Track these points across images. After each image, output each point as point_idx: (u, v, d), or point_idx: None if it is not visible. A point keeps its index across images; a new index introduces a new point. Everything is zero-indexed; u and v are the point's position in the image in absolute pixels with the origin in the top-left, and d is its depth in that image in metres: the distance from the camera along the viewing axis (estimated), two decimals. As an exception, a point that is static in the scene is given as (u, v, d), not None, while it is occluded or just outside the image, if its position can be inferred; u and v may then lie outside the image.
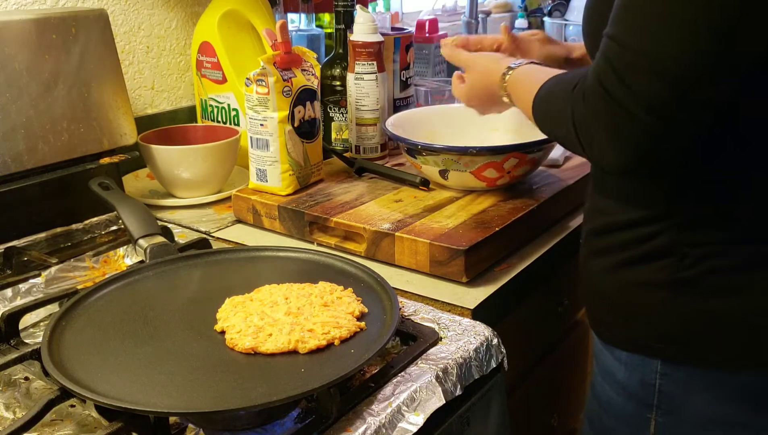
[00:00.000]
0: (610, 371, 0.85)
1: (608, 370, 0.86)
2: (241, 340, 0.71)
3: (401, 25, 1.78)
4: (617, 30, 0.68)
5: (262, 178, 1.11)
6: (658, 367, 0.80)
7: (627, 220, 0.80)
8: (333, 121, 1.35)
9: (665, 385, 0.80)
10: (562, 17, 2.29)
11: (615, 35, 0.68)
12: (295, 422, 0.68)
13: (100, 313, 0.78)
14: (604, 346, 0.86)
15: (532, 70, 0.90)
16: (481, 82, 0.96)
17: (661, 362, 0.80)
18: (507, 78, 0.90)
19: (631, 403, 0.84)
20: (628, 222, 0.79)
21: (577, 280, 0.92)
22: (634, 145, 0.68)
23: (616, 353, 0.84)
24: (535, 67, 0.91)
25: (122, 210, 0.97)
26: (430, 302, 0.89)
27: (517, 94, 0.89)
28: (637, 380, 0.82)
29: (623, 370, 0.83)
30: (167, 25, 1.38)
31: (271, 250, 0.93)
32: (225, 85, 1.30)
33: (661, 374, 0.80)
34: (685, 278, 0.76)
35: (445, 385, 0.72)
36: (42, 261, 0.96)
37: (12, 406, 0.71)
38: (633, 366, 0.82)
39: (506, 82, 0.91)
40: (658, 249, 0.77)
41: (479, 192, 1.09)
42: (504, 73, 0.91)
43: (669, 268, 0.77)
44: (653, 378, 0.80)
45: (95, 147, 1.10)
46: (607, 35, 0.69)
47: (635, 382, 0.82)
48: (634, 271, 0.79)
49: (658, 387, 0.80)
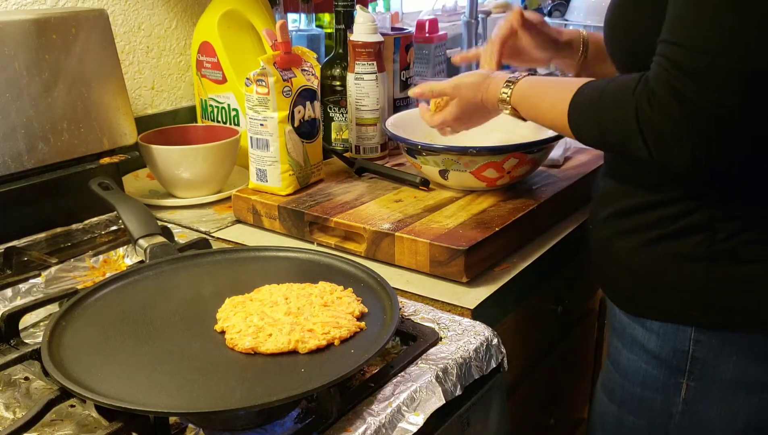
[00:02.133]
0: (640, 342, 0.89)
1: (637, 341, 0.89)
2: (241, 340, 0.71)
3: (401, 25, 1.78)
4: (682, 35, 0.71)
5: (262, 178, 1.11)
6: (692, 333, 0.84)
7: (659, 199, 0.83)
8: (333, 121, 1.35)
9: (698, 350, 0.84)
10: (562, 17, 2.28)
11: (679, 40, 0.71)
12: (295, 422, 0.68)
13: (100, 313, 0.78)
14: (633, 320, 0.89)
15: (543, 79, 0.92)
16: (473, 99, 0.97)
17: (695, 329, 0.84)
18: (511, 91, 0.92)
19: (662, 371, 0.87)
20: (661, 201, 0.83)
21: (594, 263, 0.95)
22: (705, 141, 0.71)
23: (647, 324, 0.87)
24: (541, 77, 0.93)
25: (122, 210, 0.97)
26: (430, 302, 0.89)
27: (529, 103, 0.91)
28: (670, 348, 0.86)
29: (655, 340, 0.87)
30: (167, 25, 1.38)
31: (271, 250, 0.93)
32: (225, 85, 1.30)
33: (694, 341, 0.84)
34: (720, 251, 0.81)
35: (445, 385, 0.72)
36: (42, 261, 0.96)
37: (12, 406, 0.71)
38: (665, 335, 0.86)
39: (510, 96, 0.92)
40: (693, 225, 0.81)
41: (479, 192, 1.09)
42: (503, 87, 0.92)
43: (705, 242, 0.81)
44: (686, 345, 0.85)
45: (95, 147, 1.10)
46: (664, 40, 0.72)
47: (667, 350, 0.86)
48: (670, 245, 0.83)
49: (692, 353, 0.85)
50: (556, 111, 0.85)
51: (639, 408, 0.91)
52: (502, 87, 0.93)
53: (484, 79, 0.96)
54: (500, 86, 0.93)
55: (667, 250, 0.84)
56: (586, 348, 1.34)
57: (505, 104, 0.93)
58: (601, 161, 1.22)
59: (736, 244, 0.80)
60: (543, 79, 0.92)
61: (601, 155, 1.26)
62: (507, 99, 0.92)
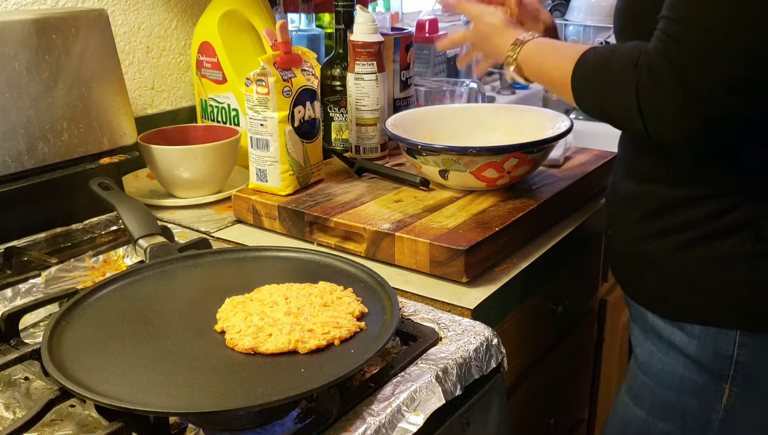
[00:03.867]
0: (677, 346, 0.86)
1: (674, 345, 0.87)
2: (241, 340, 0.71)
3: (401, 25, 1.78)
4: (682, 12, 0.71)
5: (262, 178, 1.11)
6: (736, 337, 0.82)
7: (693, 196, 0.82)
8: (333, 121, 1.35)
9: (743, 355, 0.82)
10: (562, 17, 2.28)
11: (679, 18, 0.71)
12: (295, 422, 0.68)
13: (100, 313, 0.78)
14: (669, 323, 0.87)
15: (552, 42, 0.94)
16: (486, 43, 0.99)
17: (740, 332, 0.81)
18: (519, 50, 0.93)
19: (701, 375, 0.85)
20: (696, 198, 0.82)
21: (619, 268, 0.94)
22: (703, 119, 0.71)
23: (686, 328, 0.85)
24: (552, 40, 0.95)
25: (122, 210, 0.97)
26: (430, 302, 0.89)
27: (535, 64, 0.92)
28: (711, 352, 0.84)
29: (695, 344, 0.85)
30: (167, 25, 1.38)
31: (271, 250, 0.93)
32: (225, 85, 1.30)
33: (739, 344, 0.82)
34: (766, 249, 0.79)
35: (445, 385, 0.72)
36: (42, 261, 0.96)
37: (12, 406, 0.71)
38: (707, 338, 0.84)
39: (518, 54, 0.93)
40: (735, 223, 0.80)
41: (479, 192, 1.09)
42: (515, 43, 0.94)
43: (749, 241, 0.79)
44: (730, 349, 0.82)
45: (95, 147, 1.10)
46: (667, 18, 0.72)
47: (708, 354, 0.84)
48: (710, 246, 0.81)
49: (736, 357, 0.82)
50: (558, 72, 0.86)
51: (672, 413, 0.89)
52: (511, 44, 0.94)
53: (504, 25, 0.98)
54: (509, 42, 0.94)
55: (707, 251, 0.81)
56: (586, 348, 1.34)
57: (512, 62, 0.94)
58: (601, 161, 1.23)
59: None
60: (550, 41, 0.94)
61: (602, 155, 1.26)
62: (514, 57, 0.93)
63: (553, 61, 0.88)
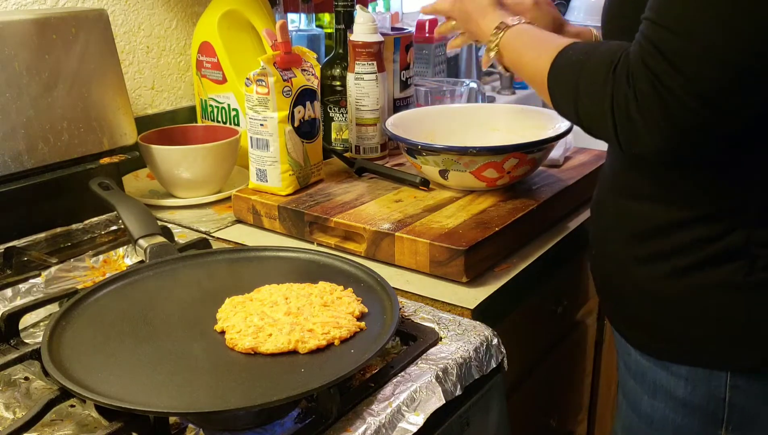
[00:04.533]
0: (664, 389, 0.81)
1: (660, 387, 0.81)
2: (241, 340, 0.71)
3: (401, 25, 1.78)
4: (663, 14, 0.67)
5: (262, 178, 1.11)
6: (727, 378, 0.76)
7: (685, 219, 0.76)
8: (333, 121, 1.35)
9: (737, 397, 0.76)
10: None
11: (660, 20, 0.67)
12: (295, 422, 0.68)
13: (100, 313, 0.78)
14: (655, 363, 0.81)
15: (535, 32, 0.88)
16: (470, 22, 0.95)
17: (731, 373, 0.76)
18: (502, 35, 0.88)
19: (694, 421, 0.79)
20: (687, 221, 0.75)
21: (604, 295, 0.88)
22: (678, 129, 0.67)
23: (673, 368, 0.79)
24: (536, 29, 0.89)
25: (122, 210, 0.97)
26: (430, 302, 0.89)
27: (515, 53, 0.87)
28: (702, 394, 0.78)
29: (684, 386, 0.79)
30: (167, 25, 1.38)
31: (271, 250, 0.93)
32: (225, 85, 1.30)
33: (731, 386, 0.76)
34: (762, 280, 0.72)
35: (445, 385, 0.72)
36: (42, 261, 0.96)
37: (12, 406, 0.71)
38: (696, 381, 0.78)
39: (500, 39, 0.88)
40: (727, 249, 0.73)
41: (479, 192, 1.09)
42: (498, 27, 0.89)
43: (742, 270, 0.73)
44: (722, 391, 0.77)
45: (95, 147, 1.10)
46: (649, 19, 0.68)
47: (700, 397, 0.78)
48: (700, 274, 0.75)
49: (729, 400, 0.76)
50: (535, 66, 0.81)
51: None
52: (495, 28, 0.89)
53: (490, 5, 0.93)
54: (493, 25, 0.90)
55: (697, 280, 0.75)
56: (586, 348, 1.34)
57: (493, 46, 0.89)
58: (601, 161, 1.22)
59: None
60: (534, 29, 0.88)
61: (602, 155, 1.26)
62: (496, 42, 0.89)
63: (532, 53, 0.83)
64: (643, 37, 0.68)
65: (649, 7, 0.69)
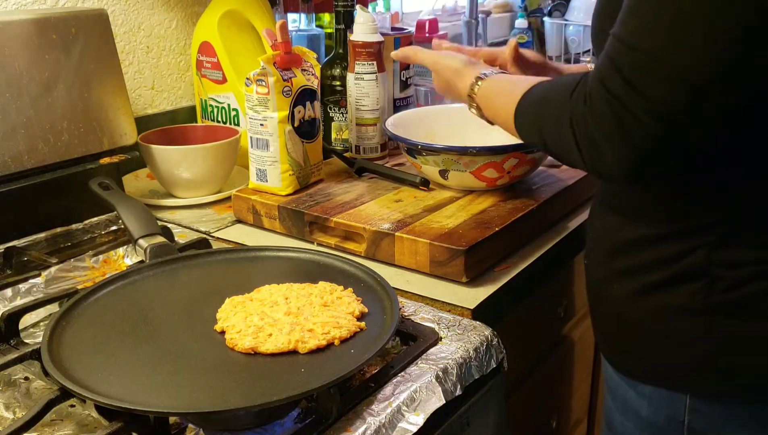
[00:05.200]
0: (632, 407, 0.80)
1: (629, 405, 0.81)
2: (241, 340, 0.71)
3: (401, 25, 1.78)
4: (624, 29, 0.64)
5: (262, 178, 1.11)
6: (687, 401, 0.75)
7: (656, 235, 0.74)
8: (333, 121, 1.35)
9: (696, 421, 0.75)
10: (562, 17, 2.28)
11: (621, 35, 0.64)
12: (295, 422, 0.68)
13: (100, 313, 0.78)
14: (624, 380, 0.81)
15: (507, 79, 0.86)
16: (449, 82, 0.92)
17: (690, 397, 0.75)
18: (477, 89, 0.87)
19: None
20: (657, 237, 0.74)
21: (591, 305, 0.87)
22: (638, 151, 0.64)
23: (638, 388, 0.79)
24: (509, 76, 0.88)
25: (122, 210, 0.97)
26: (430, 302, 0.89)
27: (490, 103, 0.86)
28: (663, 416, 0.77)
29: (646, 406, 0.78)
30: (167, 25, 1.38)
31: (271, 250, 0.93)
32: (225, 85, 1.30)
33: (690, 409, 0.75)
34: (720, 303, 0.70)
35: (445, 385, 0.72)
36: (42, 261, 0.96)
37: (12, 406, 0.71)
38: (659, 401, 0.77)
39: (476, 93, 0.87)
40: (687, 270, 0.72)
41: (479, 192, 1.09)
42: (473, 83, 0.87)
43: (701, 292, 0.71)
44: (682, 414, 0.75)
45: (95, 147, 1.10)
46: (613, 35, 0.65)
47: (661, 419, 0.77)
48: (662, 294, 0.74)
49: (688, 424, 0.75)
50: (504, 110, 0.80)
51: None
52: (471, 83, 0.87)
53: (464, 66, 0.90)
54: (469, 81, 0.88)
55: (659, 299, 0.74)
56: (586, 348, 1.34)
57: (472, 102, 0.88)
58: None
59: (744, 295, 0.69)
60: (512, 78, 0.86)
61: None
62: (474, 96, 0.87)
63: (503, 98, 0.81)
64: (605, 54, 0.66)
65: (617, 20, 0.66)
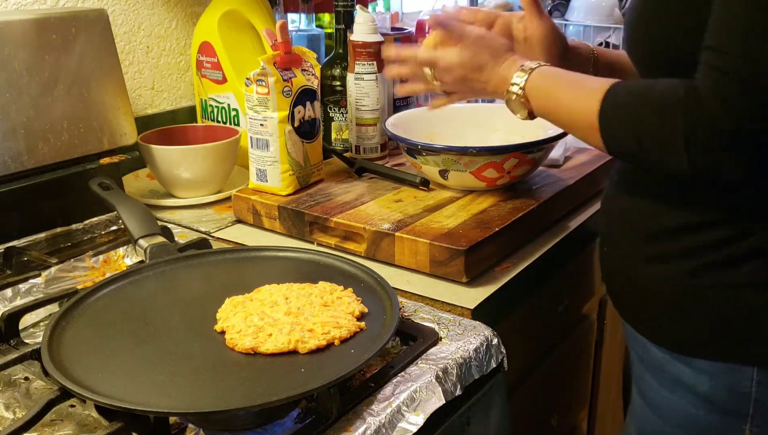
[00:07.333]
0: (684, 383, 0.80)
1: (680, 381, 0.81)
2: (241, 340, 0.71)
3: (401, 25, 1.78)
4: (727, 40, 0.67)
5: (262, 178, 1.11)
6: (753, 374, 0.76)
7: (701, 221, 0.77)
8: (333, 121, 1.35)
9: (762, 392, 0.76)
10: (562, 17, 2.28)
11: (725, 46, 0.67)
12: (295, 422, 0.68)
13: (100, 313, 0.78)
14: (674, 357, 0.81)
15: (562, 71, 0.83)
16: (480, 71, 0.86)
17: (757, 368, 0.76)
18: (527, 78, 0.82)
19: (716, 416, 0.79)
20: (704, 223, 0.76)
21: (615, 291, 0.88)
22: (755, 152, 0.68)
23: (695, 363, 0.79)
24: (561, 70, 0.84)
25: (122, 210, 0.97)
26: (430, 302, 0.89)
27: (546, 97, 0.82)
28: (725, 390, 0.78)
29: (706, 381, 0.79)
30: (167, 25, 1.38)
31: (271, 250, 0.93)
32: (225, 85, 1.30)
33: (757, 382, 0.76)
34: None
35: (445, 385, 0.72)
36: (42, 261, 0.96)
37: (12, 406, 0.71)
38: (719, 375, 0.78)
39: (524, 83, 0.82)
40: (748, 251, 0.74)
41: (479, 192, 1.09)
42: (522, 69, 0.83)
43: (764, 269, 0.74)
44: (747, 386, 0.76)
45: (95, 147, 1.10)
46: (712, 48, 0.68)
47: (722, 392, 0.78)
48: (721, 273, 0.76)
49: (754, 395, 0.76)
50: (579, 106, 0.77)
51: None
52: (517, 71, 0.83)
53: (505, 51, 0.85)
54: (514, 69, 0.83)
55: (719, 278, 0.76)
56: (586, 348, 1.34)
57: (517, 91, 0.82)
58: (601, 161, 1.23)
59: None
60: (561, 71, 0.83)
61: (602, 154, 1.25)
62: (521, 85, 0.82)
63: (573, 92, 0.79)
64: (707, 65, 0.68)
65: (709, 35, 0.68)
